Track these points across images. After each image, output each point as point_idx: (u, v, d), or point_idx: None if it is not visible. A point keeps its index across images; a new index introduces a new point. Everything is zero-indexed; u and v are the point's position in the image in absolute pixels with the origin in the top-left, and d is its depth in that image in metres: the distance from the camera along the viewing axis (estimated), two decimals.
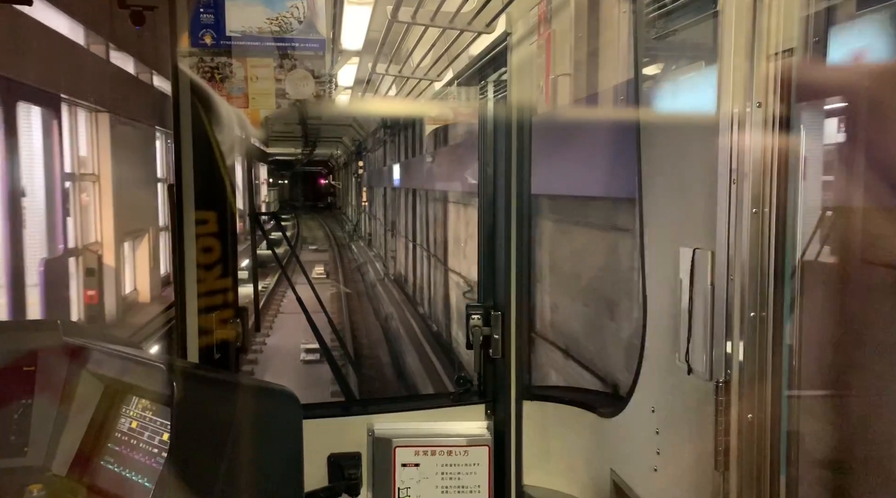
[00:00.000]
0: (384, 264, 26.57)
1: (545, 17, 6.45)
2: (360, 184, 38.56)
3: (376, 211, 31.99)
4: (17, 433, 1.87)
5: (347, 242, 38.40)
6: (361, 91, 14.71)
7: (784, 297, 1.60)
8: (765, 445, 1.61)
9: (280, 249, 3.39)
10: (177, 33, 2.22)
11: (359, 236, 38.82)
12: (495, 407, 2.56)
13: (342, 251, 34.26)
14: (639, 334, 2.08)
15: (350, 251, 35.04)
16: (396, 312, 18.69)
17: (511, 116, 2.45)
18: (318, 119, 27.81)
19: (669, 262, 1.83)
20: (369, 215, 35.45)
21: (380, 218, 30.03)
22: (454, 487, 2.48)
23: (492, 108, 2.63)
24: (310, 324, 2.77)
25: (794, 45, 1.53)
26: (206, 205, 2.23)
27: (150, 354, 1.91)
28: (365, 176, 36.02)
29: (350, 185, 46.82)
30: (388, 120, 23.22)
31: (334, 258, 30.54)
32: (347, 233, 42.29)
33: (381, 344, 16.83)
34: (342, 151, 45.71)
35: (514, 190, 2.46)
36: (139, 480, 1.70)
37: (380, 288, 22.73)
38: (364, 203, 37.00)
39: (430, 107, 12.19)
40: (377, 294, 22.18)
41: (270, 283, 19.61)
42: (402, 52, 10.06)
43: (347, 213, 50.36)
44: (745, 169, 1.56)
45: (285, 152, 47.76)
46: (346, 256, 32.88)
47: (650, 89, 2.16)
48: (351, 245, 37.32)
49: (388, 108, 15.26)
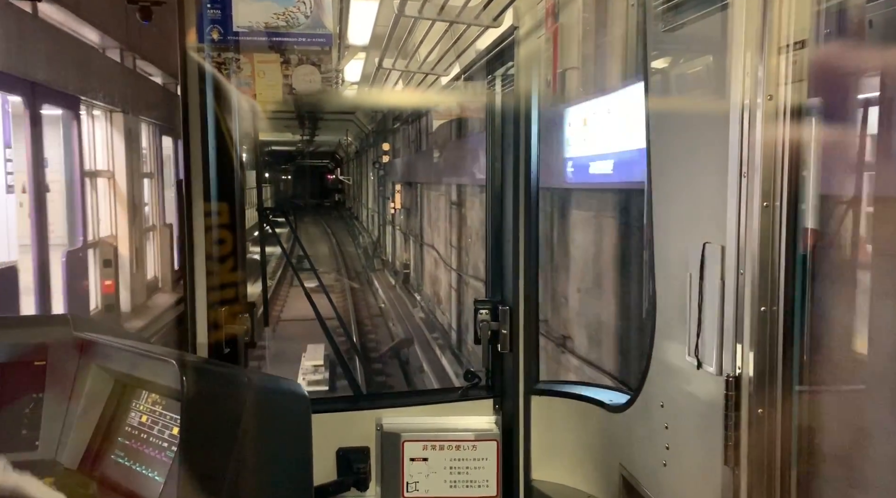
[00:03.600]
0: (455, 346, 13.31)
1: (552, 10, 6.42)
2: (384, 178, 26.25)
3: (427, 224, 17.51)
4: (29, 427, 1.88)
5: (364, 271, 24.90)
6: (368, 86, 14.70)
7: (795, 291, 1.58)
8: (775, 441, 1.61)
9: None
10: (184, 28, 2.21)
11: (382, 261, 25.90)
12: (503, 402, 2.56)
13: (360, 295, 20.31)
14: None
15: (371, 293, 21.12)
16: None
17: (519, 110, 2.44)
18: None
19: (679, 256, 1.82)
20: (405, 230, 21.38)
21: (437, 241, 15.93)
22: (462, 481, 2.48)
23: (499, 102, 2.62)
24: (318, 320, 2.76)
25: (805, 36, 1.51)
26: (216, 198, 2.23)
27: (159, 349, 1.91)
28: (398, 166, 22.65)
29: (364, 179, 35.07)
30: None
31: (346, 309, 17.14)
32: (364, 251, 29.29)
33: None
34: (354, 135, 33.69)
35: (523, 184, 2.46)
36: (149, 474, 1.71)
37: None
38: (394, 208, 23.11)
39: (439, 98, 12.06)
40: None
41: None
42: (408, 47, 10.04)
43: (359, 216, 38.34)
44: (756, 162, 1.55)
45: (281, 141, 36.13)
46: (366, 304, 19.49)
47: (659, 83, 2.15)
48: (370, 276, 23.74)
49: (399, 100, 14.86)
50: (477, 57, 8.08)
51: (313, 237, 31.64)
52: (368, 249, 28.78)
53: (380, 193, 28.02)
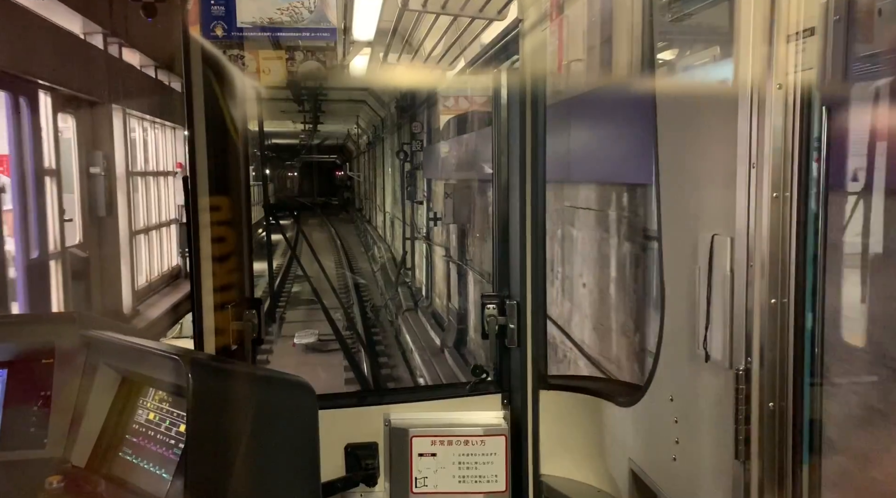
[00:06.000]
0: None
1: (557, 2, 6.38)
2: (413, 173, 18.21)
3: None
4: (37, 425, 1.89)
5: (386, 306, 16.68)
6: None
7: (806, 282, 1.57)
8: (786, 434, 1.59)
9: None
10: (188, 24, 2.20)
11: (410, 291, 17.44)
12: (511, 397, 2.55)
13: (386, 363, 13.01)
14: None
15: (402, 359, 13.42)
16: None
17: (525, 103, 2.42)
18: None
19: (688, 248, 1.80)
20: (458, 258, 12.77)
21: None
22: (471, 476, 2.48)
23: (505, 95, 2.60)
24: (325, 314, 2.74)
25: (814, 24, 1.49)
26: (220, 193, 2.23)
27: (166, 346, 1.91)
28: (440, 155, 14.30)
29: (378, 175, 27.57)
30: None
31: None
32: (382, 269, 20.93)
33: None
34: (367, 122, 27.66)
35: (529, 178, 2.44)
36: (157, 471, 1.71)
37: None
38: (433, 219, 15.16)
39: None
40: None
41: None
42: (413, 41, 10.02)
43: (373, 219, 30.26)
44: (765, 152, 1.53)
45: (283, 131, 31.28)
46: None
47: (666, 73, 2.12)
48: (394, 315, 15.75)
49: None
50: (482, 50, 8.06)
51: (318, 246, 23.19)
52: (389, 268, 19.69)
53: (406, 193, 18.76)
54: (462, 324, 12.42)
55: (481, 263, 11.13)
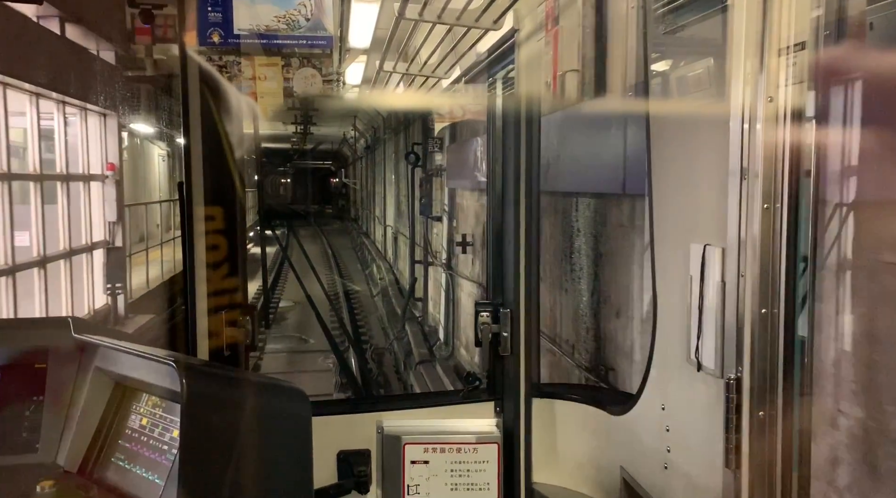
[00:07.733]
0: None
1: (552, 13, 6.42)
2: (429, 181, 13.37)
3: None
4: (29, 430, 1.88)
5: (390, 348, 13.51)
6: (369, 89, 14.64)
7: (796, 293, 1.58)
8: (776, 443, 1.60)
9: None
10: (185, 31, 2.22)
11: (422, 326, 13.51)
12: (504, 404, 2.55)
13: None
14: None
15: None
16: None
17: (520, 113, 2.44)
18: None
19: (680, 258, 1.82)
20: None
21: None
22: (464, 484, 2.48)
23: (500, 104, 2.62)
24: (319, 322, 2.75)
25: (805, 38, 1.51)
26: (215, 201, 2.24)
27: (159, 351, 1.91)
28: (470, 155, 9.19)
29: (379, 183, 23.44)
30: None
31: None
32: (382, 294, 17.22)
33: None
34: (365, 124, 24.34)
35: (524, 186, 2.46)
36: (150, 477, 1.71)
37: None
38: (460, 243, 9.38)
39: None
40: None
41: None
42: (409, 50, 10.06)
43: (371, 233, 26.23)
44: (756, 164, 1.55)
45: (274, 135, 26.61)
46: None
47: (659, 85, 2.15)
48: (405, 364, 11.66)
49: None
50: (478, 59, 8.10)
51: (311, 253, 20.59)
52: (392, 293, 16.46)
53: (419, 206, 14.38)
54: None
55: (555, 325, 6.28)
